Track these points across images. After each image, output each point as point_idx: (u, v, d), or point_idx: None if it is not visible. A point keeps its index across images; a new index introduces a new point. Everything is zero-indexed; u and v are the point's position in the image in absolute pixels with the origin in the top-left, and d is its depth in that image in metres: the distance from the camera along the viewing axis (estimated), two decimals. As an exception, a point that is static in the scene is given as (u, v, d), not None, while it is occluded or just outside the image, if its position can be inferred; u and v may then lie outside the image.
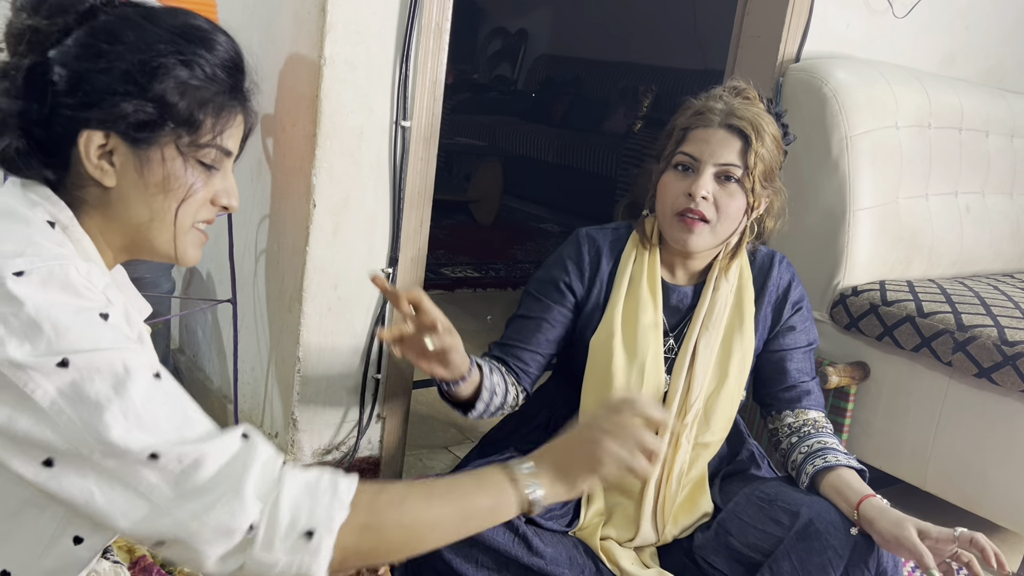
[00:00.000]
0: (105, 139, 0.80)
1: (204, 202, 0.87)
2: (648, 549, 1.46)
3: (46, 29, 0.80)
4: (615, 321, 1.43)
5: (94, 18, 0.81)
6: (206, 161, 0.85)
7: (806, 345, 1.51)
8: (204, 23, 0.85)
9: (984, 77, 2.77)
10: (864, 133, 2.15)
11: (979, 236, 2.49)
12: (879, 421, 2.13)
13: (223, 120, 0.85)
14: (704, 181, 1.34)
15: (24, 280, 0.71)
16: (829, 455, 1.40)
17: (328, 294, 1.75)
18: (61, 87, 0.79)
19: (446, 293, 3.58)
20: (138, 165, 0.82)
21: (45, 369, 0.70)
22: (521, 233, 5.02)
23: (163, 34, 0.81)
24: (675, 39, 5.68)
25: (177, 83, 0.81)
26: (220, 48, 0.85)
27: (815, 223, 2.18)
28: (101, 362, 0.72)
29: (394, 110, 1.72)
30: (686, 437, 1.43)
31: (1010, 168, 2.60)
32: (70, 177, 0.82)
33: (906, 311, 2.04)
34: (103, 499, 0.72)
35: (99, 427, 0.71)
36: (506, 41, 7.39)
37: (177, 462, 0.72)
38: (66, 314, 0.72)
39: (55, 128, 0.80)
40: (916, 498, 2.16)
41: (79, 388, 0.71)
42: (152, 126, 0.81)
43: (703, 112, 1.36)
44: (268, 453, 0.77)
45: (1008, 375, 1.84)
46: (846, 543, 1.30)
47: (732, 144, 1.34)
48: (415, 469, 2.07)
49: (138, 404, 0.72)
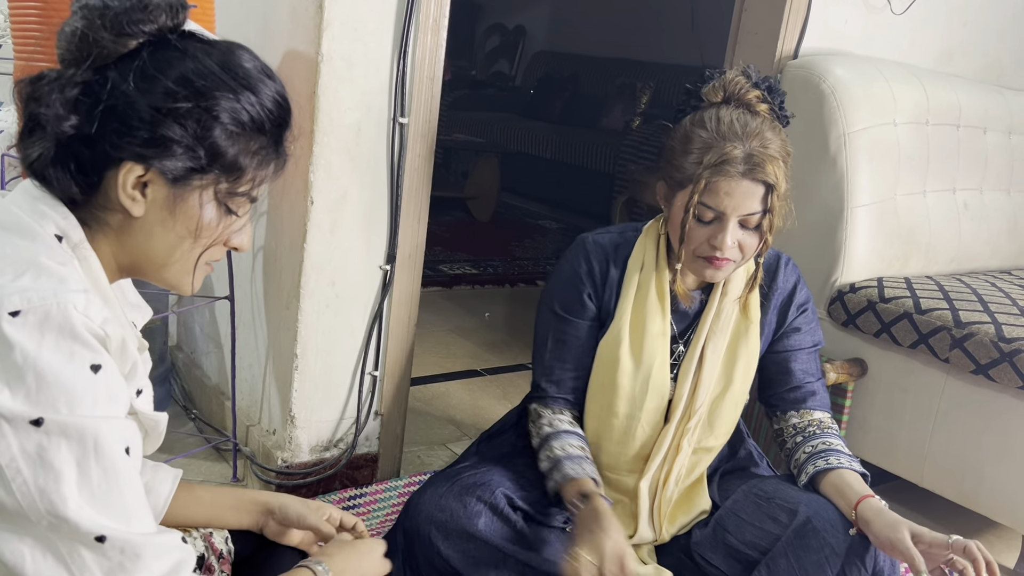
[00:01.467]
0: (144, 171, 0.78)
1: (220, 244, 0.86)
2: (645, 546, 1.46)
3: (111, 47, 0.77)
4: (623, 329, 1.42)
5: (161, 45, 0.79)
6: (234, 208, 0.84)
7: (811, 346, 1.50)
8: (258, 68, 0.83)
9: (982, 74, 2.77)
10: (862, 130, 2.15)
11: (977, 233, 2.50)
12: (876, 418, 2.13)
13: (263, 171, 0.85)
14: (731, 234, 1.31)
15: (19, 322, 0.68)
16: (832, 457, 1.40)
17: (326, 291, 1.75)
18: (114, 113, 0.77)
19: (444, 290, 3.58)
20: (171, 203, 0.80)
21: (16, 423, 0.68)
22: (519, 230, 5.02)
23: (223, 77, 0.79)
24: (673, 35, 5.68)
25: (230, 132, 0.80)
26: (270, 97, 0.83)
27: (813, 220, 2.18)
28: (73, 430, 0.69)
29: (392, 107, 1.71)
30: (687, 441, 1.43)
31: (1008, 165, 2.60)
32: (97, 198, 0.80)
33: (904, 308, 2.04)
34: (32, 567, 0.70)
35: (54, 497, 0.68)
36: (504, 37, 7.38)
37: (119, 552, 0.71)
38: (53, 366, 0.69)
39: (98, 150, 0.78)
40: (913, 494, 2.17)
41: (44, 452, 0.68)
42: (197, 171, 0.80)
43: (722, 163, 1.28)
44: (193, 563, 0.78)
45: (1005, 372, 1.85)
46: (843, 542, 1.30)
47: (755, 193, 1.29)
48: (413, 466, 2.07)
49: (97, 482, 0.70)
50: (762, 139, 1.29)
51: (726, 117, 1.32)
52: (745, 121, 1.31)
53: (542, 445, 1.43)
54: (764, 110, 1.33)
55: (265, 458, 1.84)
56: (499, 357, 2.90)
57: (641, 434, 1.43)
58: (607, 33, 6.31)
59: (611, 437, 1.44)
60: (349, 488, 1.89)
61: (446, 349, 2.91)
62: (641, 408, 1.42)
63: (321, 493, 1.85)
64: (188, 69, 0.78)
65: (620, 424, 1.43)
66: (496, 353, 2.94)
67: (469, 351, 2.93)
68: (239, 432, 1.94)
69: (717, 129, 1.30)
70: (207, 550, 1.03)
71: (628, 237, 1.48)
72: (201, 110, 0.78)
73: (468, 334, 3.10)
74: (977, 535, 2.11)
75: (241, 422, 1.94)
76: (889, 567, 1.32)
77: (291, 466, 1.81)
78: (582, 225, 5.27)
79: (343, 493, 1.86)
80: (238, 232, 0.87)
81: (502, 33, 7.39)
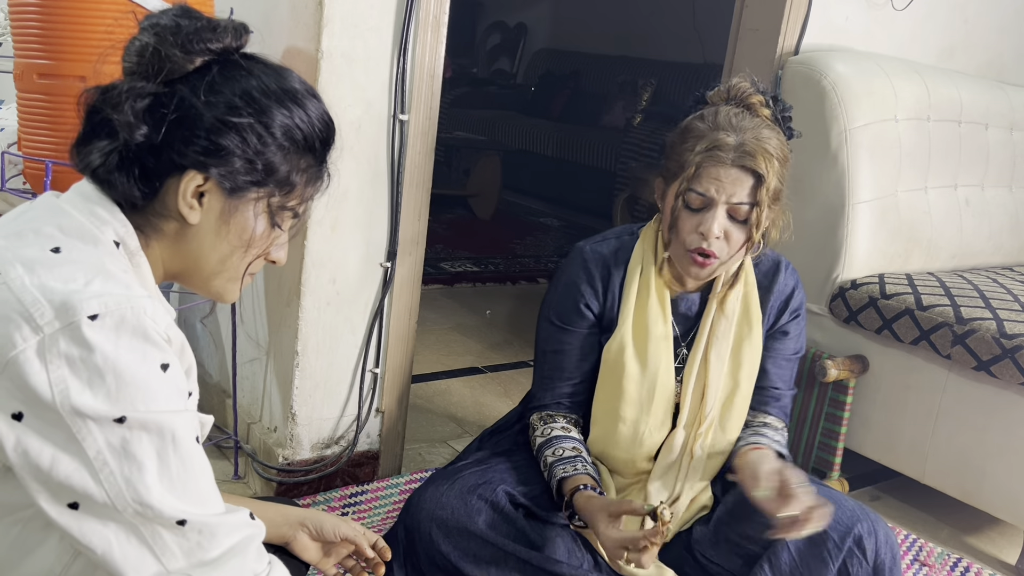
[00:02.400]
0: (204, 181, 0.82)
1: (264, 256, 0.91)
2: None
3: (181, 63, 0.81)
4: (626, 334, 1.42)
5: (228, 62, 0.84)
6: (279, 222, 0.88)
7: (793, 353, 1.51)
8: (308, 89, 0.88)
9: (983, 70, 2.77)
10: (863, 126, 2.15)
11: (978, 229, 2.49)
12: (878, 414, 2.13)
13: (311, 188, 0.90)
14: (718, 221, 1.32)
15: (98, 324, 0.72)
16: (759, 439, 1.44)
17: (327, 288, 1.75)
18: (182, 123, 0.81)
19: (445, 287, 3.58)
20: (226, 214, 0.84)
21: (102, 421, 0.72)
22: (520, 227, 5.01)
23: (282, 96, 0.84)
24: (674, 33, 5.67)
25: (284, 147, 0.84)
26: (319, 118, 0.88)
27: (814, 216, 2.17)
28: (152, 424, 0.74)
29: (392, 104, 1.71)
30: (700, 446, 1.43)
31: (1009, 161, 2.60)
32: (154, 204, 0.83)
33: (905, 304, 2.04)
34: (119, 551, 0.75)
35: (139, 487, 0.73)
36: (505, 35, 7.37)
37: (197, 532, 0.76)
38: (131, 366, 0.73)
39: (162, 158, 0.81)
40: (915, 491, 2.17)
41: (127, 445, 0.73)
42: (254, 183, 0.84)
43: (714, 148, 1.31)
44: (262, 537, 0.83)
45: (1007, 368, 1.84)
46: (845, 535, 1.31)
47: (744, 182, 1.31)
48: (414, 463, 2.07)
49: (176, 471, 0.76)
50: (757, 133, 1.31)
51: (724, 112, 1.35)
52: (743, 117, 1.33)
53: (538, 456, 1.44)
54: (766, 114, 1.36)
55: (266, 456, 1.84)
56: (500, 355, 2.90)
57: (649, 439, 1.43)
58: (608, 30, 6.30)
59: (618, 443, 1.44)
60: (350, 485, 1.89)
61: (447, 347, 2.91)
62: (648, 412, 1.42)
63: (322, 491, 1.85)
64: (251, 86, 0.83)
65: (627, 430, 1.43)
66: (497, 351, 2.94)
67: (470, 348, 2.93)
68: (240, 430, 1.94)
69: (714, 121, 1.34)
70: None
71: (625, 242, 1.48)
72: (260, 125, 0.83)
73: (469, 332, 3.10)
74: (978, 531, 2.11)
75: (242, 420, 1.95)
76: (890, 559, 1.32)
77: (292, 463, 1.82)
78: (583, 223, 5.27)
79: (344, 490, 1.86)
80: (279, 246, 0.91)
81: (503, 31, 7.38)
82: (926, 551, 1.94)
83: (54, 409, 0.71)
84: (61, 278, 0.74)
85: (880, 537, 1.32)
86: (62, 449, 0.72)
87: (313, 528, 1.10)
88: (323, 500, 1.82)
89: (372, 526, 1.77)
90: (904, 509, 2.18)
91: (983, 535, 2.10)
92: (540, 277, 3.94)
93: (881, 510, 2.12)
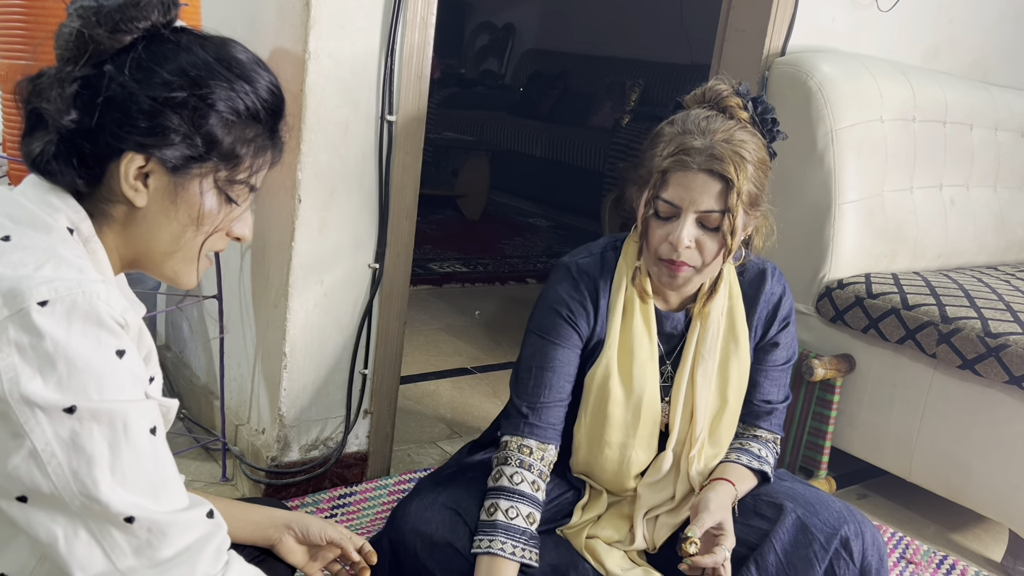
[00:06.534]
0: (145, 162, 0.80)
1: (222, 234, 0.88)
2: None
3: (107, 43, 0.79)
4: (612, 359, 1.38)
5: (155, 39, 0.81)
6: (234, 196, 0.86)
7: (784, 362, 1.47)
8: (251, 59, 0.85)
9: (968, 70, 2.79)
10: (849, 126, 2.16)
11: (963, 229, 2.51)
12: (864, 413, 2.14)
13: (259, 159, 0.87)
14: (686, 231, 1.25)
15: (48, 310, 0.70)
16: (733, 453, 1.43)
17: (314, 289, 1.75)
18: (113, 105, 0.79)
19: (434, 288, 3.57)
20: (172, 192, 0.82)
21: (50, 411, 0.70)
22: (509, 228, 5.01)
23: (218, 68, 0.82)
24: (662, 33, 5.69)
25: (226, 120, 0.82)
26: (264, 87, 0.85)
27: (800, 217, 2.19)
28: (104, 414, 0.72)
29: (379, 104, 1.71)
30: (695, 469, 1.40)
31: (994, 161, 2.62)
32: (100, 190, 0.82)
33: (891, 304, 2.05)
34: (67, 547, 0.73)
35: (87, 480, 0.71)
36: (493, 35, 7.37)
37: (147, 530, 0.74)
38: (83, 352, 0.71)
39: (99, 142, 0.80)
40: (901, 489, 2.18)
41: (77, 437, 0.71)
42: (195, 159, 0.82)
43: (680, 153, 1.24)
44: (222, 537, 0.81)
45: (991, 367, 1.86)
46: (831, 536, 1.31)
47: (712, 188, 1.23)
48: (403, 464, 2.07)
49: (127, 463, 0.73)
50: (728, 136, 1.24)
51: (695, 115, 1.28)
52: (715, 120, 1.26)
53: (490, 494, 1.33)
54: (743, 116, 1.29)
55: (254, 457, 1.84)
56: (489, 355, 2.90)
57: (636, 461, 1.40)
58: (596, 31, 6.31)
59: (605, 467, 1.41)
60: (339, 487, 1.88)
61: (436, 347, 2.91)
62: (634, 436, 1.39)
63: (311, 492, 1.84)
64: (183, 60, 0.80)
65: (613, 454, 1.39)
66: (486, 351, 2.94)
67: (459, 349, 2.93)
68: (228, 431, 1.93)
69: (684, 124, 1.27)
70: None
71: (609, 260, 1.42)
72: (197, 99, 0.80)
73: (458, 332, 3.09)
74: (964, 529, 2.13)
75: (230, 421, 1.94)
76: (877, 561, 1.32)
77: (280, 465, 1.81)
78: (572, 223, 5.28)
79: (333, 492, 1.86)
80: (240, 221, 0.89)
81: (491, 31, 7.39)
82: (912, 549, 1.96)
83: (3, 399, 0.69)
84: (11, 264, 0.73)
85: (867, 538, 1.32)
86: (9, 440, 0.70)
87: (299, 531, 1.09)
88: (312, 502, 1.81)
89: (361, 527, 1.77)
90: (890, 507, 2.19)
91: (969, 532, 2.12)
92: (529, 278, 3.94)
93: (867, 508, 2.14)
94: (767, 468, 1.42)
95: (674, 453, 1.41)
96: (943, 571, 1.89)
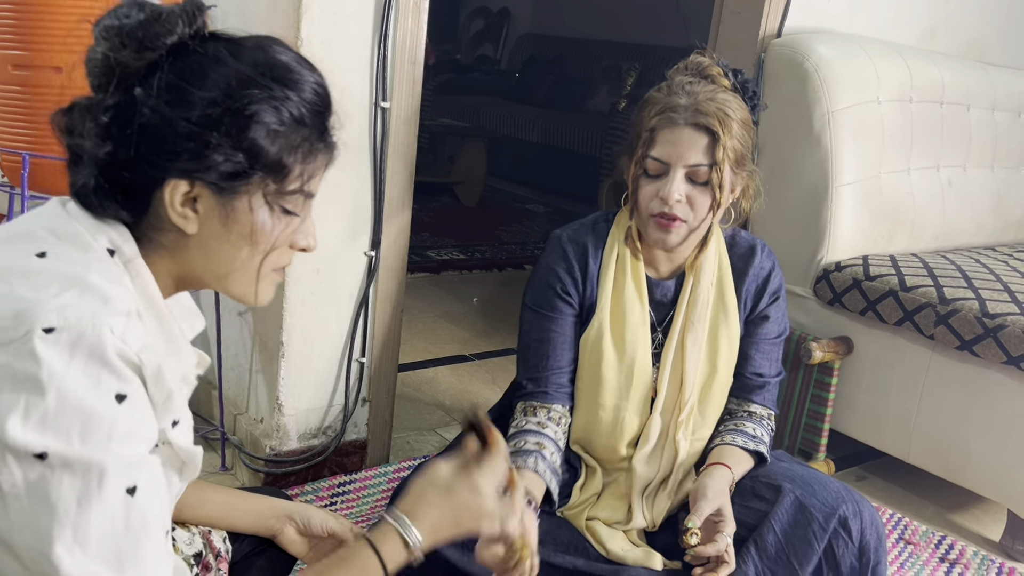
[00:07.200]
0: (190, 187, 0.76)
1: (285, 248, 0.84)
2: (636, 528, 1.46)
3: (134, 65, 0.75)
4: (604, 321, 1.41)
5: (183, 54, 0.76)
6: (290, 208, 0.81)
7: (776, 336, 1.50)
8: (292, 59, 0.79)
9: (965, 51, 2.77)
10: (846, 108, 2.15)
11: (961, 210, 2.51)
12: (863, 395, 2.14)
13: (311, 165, 0.81)
14: (676, 185, 1.30)
15: (52, 338, 0.66)
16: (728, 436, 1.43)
17: (311, 278, 1.74)
18: (148, 132, 0.74)
19: (432, 276, 3.57)
20: (223, 214, 0.78)
21: (21, 454, 0.65)
22: (506, 214, 5.00)
23: (253, 75, 0.76)
24: (658, 17, 5.66)
25: (268, 130, 0.76)
26: (309, 88, 0.80)
27: (798, 199, 2.18)
28: (78, 464, 0.66)
29: (373, 91, 1.70)
30: (683, 435, 1.42)
31: (991, 141, 2.61)
32: (148, 219, 0.78)
33: (889, 286, 2.05)
34: None
35: (43, 534, 0.66)
36: (488, 20, 7.34)
37: None
38: (78, 390, 0.66)
39: (138, 171, 0.75)
40: (900, 470, 2.19)
41: (44, 487, 0.66)
42: (240, 175, 0.77)
43: (667, 111, 1.31)
44: None
45: (989, 347, 1.86)
46: (830, 516, 1.31)
47: (699, 142, 1.30)
48: (402, 452, 2.07)
49: (93, 525, 0.67)
50: (712, 95, 1.31)
51: (680, 79, 1.35)
52: (698, 83, 1.33)
53: (515, 435, 1.42)
54: (725, 84, 1.35)
55: (253, 446, 1.84)
56: (487, 342, 2.90)
57: (630, 424, 1.43)
58: (592, 15, 6.28)
59: (600, 431, 1.43)
60: (338, 475, 1.89)
61: (434, 335, 2.91)
62: (627, 399, 1.41)
63: (310, 480, 1.85)
64: (215, 74, 0.75)
65: (608, 417, 1.42)
66: (484, 338, 2.94)
67: (457, 336, 2.93)
68: (227, 421, 1.93)
69: (669, 89, 1.34)
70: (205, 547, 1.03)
71: (600, 229, 1.47)
72: (234, 113, 0.75)
73: (456, 319, 3.09)
74: (963, 509, 2.13)
75: (228, 411, 1.94)
76: (876, 540, 1.33)
77: (279, 454, 1.81)
78: (569, 208, 5.27)
79: (332, 480, 1.86)
80: (301, 232, 0.84)
81: (486, 16, 7.35)
82: (911, 529, 1.96)
83: None
84: (35, 286, 0.69)
85: (865, 518, 1.33)
86: None
87: (301, 522, 1.07)
88: (311, 490, 1.82)
89: (361, 515, 1.77)
90: (889, 488, 2.20)
91: (967, 513, 2.13)
92: (527, 264, 3.94)
93: (866, 490, 2.14)
94: (763, 448, 1.43)
95: (663, 419, 1.43)
96: (942, 551, 1.90)
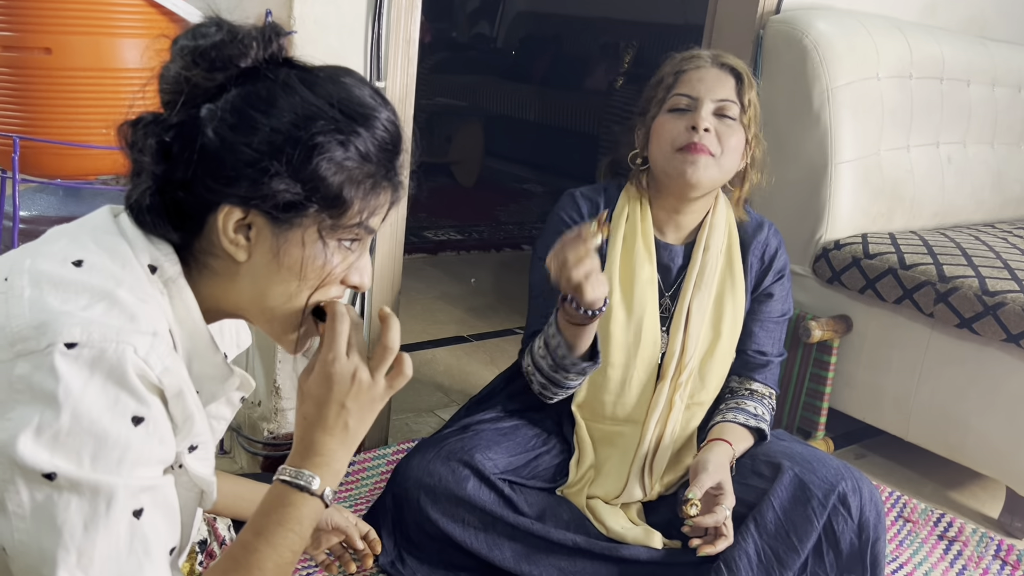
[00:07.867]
0: (244, 214, 0.74)
1: (335, 283, 0.81)
2: (635, 506, 1.47)
3: (203, 85, 0.74)
4: (613, 278, 1.42)
5: (253, 78, 0.75)
6: (347, 242, 0.79)
7: (779, 315, 1.51)
8: (367, 95, 0.78)
9: (965, 26, 2.75)
10: (845, 85, 2.14)
11: (960, 186, 2.49)
12: (862, 373, 2.14)
13: (372, 201, 0.78)
14: (705, 114, 1.35)
15: (73, 354, 0.65)
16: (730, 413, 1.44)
17: (307, 260, 1.73)
18: (208, 154, 0.73)
19: (429, 256, 3.56)
20: (275, 245, 0.76)
21: (29, 474, 0.64)
22: (504, 194, 4.98)
23: (322, 108, 0.74)
24: (655, -7, 5.60)
25: (330, 164, 0.74)
26: (380, 126, 0.77)
27: (797, 177, 2.17)
28: (86, 487, 0.65)
29: (368, 70, 1.68)
30: (680, 396, 1.43)
31: (991, 117, 2.59)
32: (200, 242, 0.77)
33: (888, 263, 2.04)
34: None
35: (47, 557, 0.65)
36: (484, -2, 7.27)
37: None
38: (93, 410, 0.65)
39: (195, 193, 0.74)
40: (899, 448, 2.19)
41: (51, 509, 0.65)
42: (297, 207, 0.74)
43: (691, 57, 1.39)
44: None
45: (989, 325, 1.85)
46: (829, 493, 1.32)
47: (727, 81, 1.37)
48: (401, 433, 2.07)
49: (98, 549, 0.66)
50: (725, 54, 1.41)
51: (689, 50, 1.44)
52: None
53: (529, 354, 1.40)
54: None
55: (252, 430, 1.83)
56: (486, 323, 2.89)
57: (637, 383, 1.43)
58: (589, -8, 6.22)
59: (608, 388, 1.44)
60: (337, 457, 1.89)
61: (432, 316, 2.90)
62: (636, 357, 1.42)
63: (309, 463, 1.85)
64: (284, 103, 0.74)
65: (616, 374, 1.43)
66: (483, 319, 2.93)
67: (455, 317, 2.92)
68: (225, 404, 1.93)
69: (681, 54, 1.43)
70: (210, 535, 1.03)
71: (611, 192, 1.50)
72: (297, 143, 0.73)
73: (454, 300, 3.09)
74: (962, 487, 2.14)
75: (227, 394, 1.94)
76: (875, 516, 1.33)
77: (277, 437, 1.81)
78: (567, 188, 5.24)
79: (331, 462, 1.86)
80: (355, 268, 0.81)
81: (482, -6, 7.28)
82: (910, 507, 1.97)
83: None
84: (64, 298, 0.68)
85: (864, 494, 1.34)
86: None
87: None
88: (310, 472, 1.82)
89: (360, 497, 1.77)
90: (888, 466, 2.20)
91: (966, 490, 2.13)
92: (525, 244, 3.92)
93: (866, 468, 2.15)
94: (763, 426, 1.44)
95: (669, 383, 1.44)
96: (941, 528, 1.91)
